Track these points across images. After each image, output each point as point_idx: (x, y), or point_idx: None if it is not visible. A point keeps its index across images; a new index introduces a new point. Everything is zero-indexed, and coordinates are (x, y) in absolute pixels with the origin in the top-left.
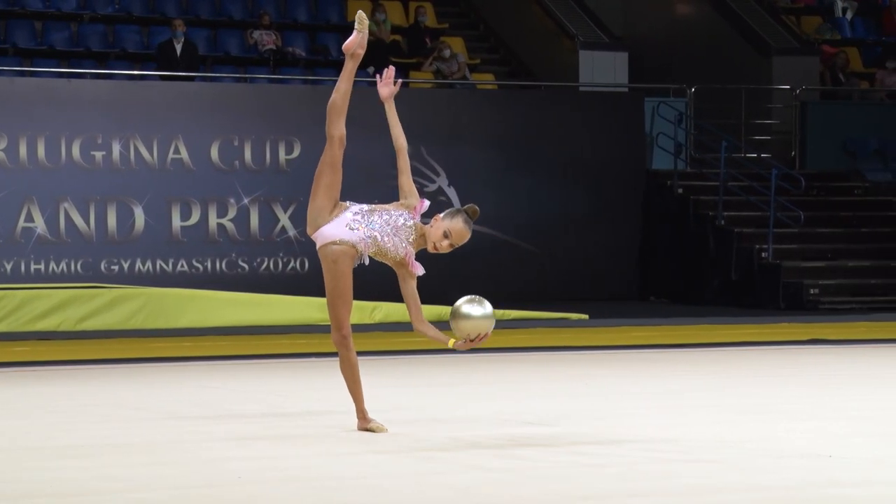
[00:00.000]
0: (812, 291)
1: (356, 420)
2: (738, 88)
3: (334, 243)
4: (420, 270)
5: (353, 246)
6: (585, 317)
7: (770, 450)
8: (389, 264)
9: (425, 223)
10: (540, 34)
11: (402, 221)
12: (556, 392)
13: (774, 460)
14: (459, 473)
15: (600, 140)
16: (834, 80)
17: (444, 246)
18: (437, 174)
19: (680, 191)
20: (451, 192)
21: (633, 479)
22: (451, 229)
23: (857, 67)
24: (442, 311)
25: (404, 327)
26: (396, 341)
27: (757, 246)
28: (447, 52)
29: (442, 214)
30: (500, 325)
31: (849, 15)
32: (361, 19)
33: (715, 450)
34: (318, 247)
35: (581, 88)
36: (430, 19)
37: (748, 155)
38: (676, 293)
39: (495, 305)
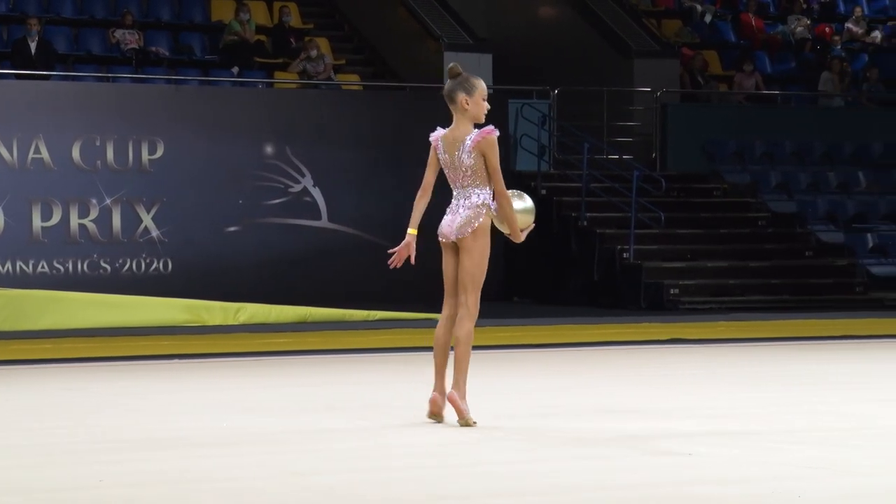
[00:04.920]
0: (672, 291)
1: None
2: (600, 90)
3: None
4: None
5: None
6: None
7: (631, 448)
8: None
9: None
10: (405, 35)
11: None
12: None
13: (635, 459)
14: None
15: None
16: (693, 83)
17: (485, 107)
18: (303, 174)
19: (543, 192)
20: (317, 193)
21: (484, 479)
22: (480, 89)
23: (715, 70)
24: (305, 312)
25: (269, 329)
26: (259, 343)
27: (618, 247)
28: (314, 52)
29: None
30: (364, 326)
31: (708, 18)
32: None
33: (575, 448)
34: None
35: None
36: (294, 19)
37: (610, 156)
38: (539, 294)
39: (359, 306)
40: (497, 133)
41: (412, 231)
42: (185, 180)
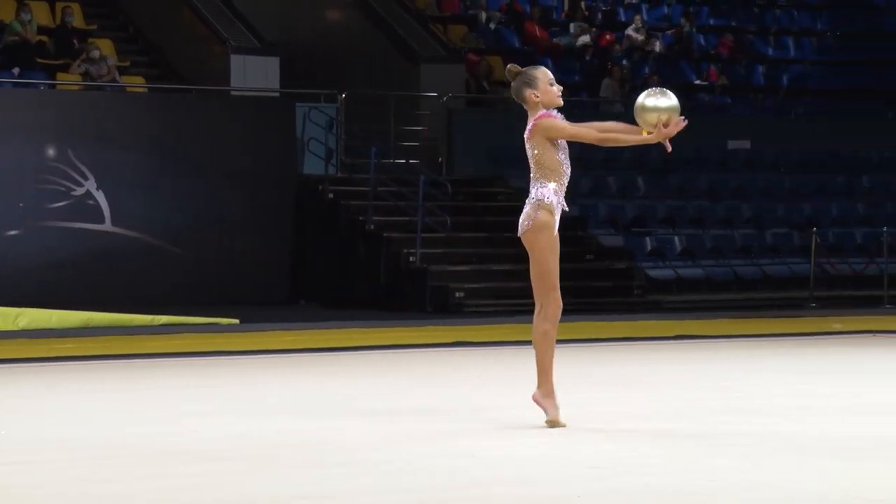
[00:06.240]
0: (458, 295)
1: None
2: (387, 95)
3: None
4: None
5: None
6: (236, 321)
7: (413, 452)
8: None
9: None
10: (191, 38)
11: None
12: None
13: (417, 461)
14: None
15: (252, 144)
16: (479, 88)
17: (557, 91)
18: (86, 178)
19: (331, 196)
20: (100, 196)
21: (278, 481)
22: (542, 78)
23: (500, 76)
24: (87, 317)
25: (49, 334)
26: (41, 348)
27: (405, 250)
28: (96, 54)
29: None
30: (148, 331)
31: (493, 24)
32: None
33: (356, 453)
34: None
35: (232, 93)
36: (77, 20)
37: (397, 161)
38: (327, 297)
39: (145, 311)
40: (554, 114)
41: (645, 133)
42: None
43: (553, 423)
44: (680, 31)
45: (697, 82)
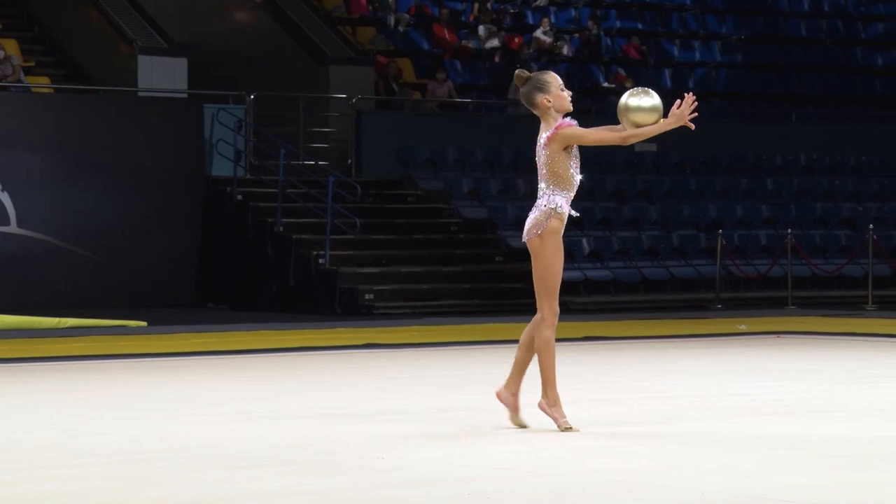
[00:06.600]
0: (367, 297)
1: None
2: (296, 96)
3: None
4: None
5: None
6: (144, 324)
7: (324, 454)
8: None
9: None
10: (97, 38)
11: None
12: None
13: (328, 464)
14: None
15: (159, 146)
16: (388, 90)
17: (567, 96)
18: None
19: (239, 197)
20: (6, 198)
21: (189, 486)
22: (553, 83)
23: (409, 78)
24: (9, 320)
25: None
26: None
27: (314, 252)
28: (1, 54)
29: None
30: (57, 334)
31: (401, 27)
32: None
33: (266, 455)
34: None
35: (140, 94)
36: None
37: (306, 162)
38: (235, 300)
39: (52, 313)
40: (573, 122)
41: (662, 120)
42: None
43: (566, 429)
44: (588, 35)
45: (606, 85)
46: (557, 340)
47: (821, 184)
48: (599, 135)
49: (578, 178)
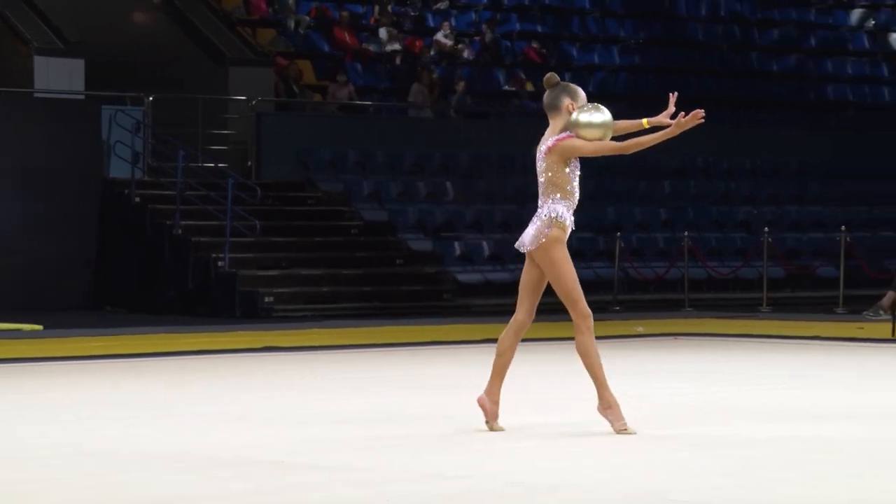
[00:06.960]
0: (267, 300)
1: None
2: (195, 98)
3: None
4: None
5: None
6: (39, 327)
7: (223, 458)
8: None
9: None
10: None
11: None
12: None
13: (228, 468)
14: None
15: (56, 147)
16: (288, 92)
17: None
18: None
19: (137, 199)
20: None
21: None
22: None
23: (309, 80)
24: None
25: None
26: None
27: (213, 255)
28: None
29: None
30: None
31: (302, 29)
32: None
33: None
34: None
35: (36, 95)
36: None
37: (205, 164)
38: (133, 302)
39: None
40: (572, 135)
41: (644, 122)
42: None
43: (623, 432)
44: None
45: (506, 88)
46: (459, 343)
47: (717, 187)
48: (597, 145)
49: (578, 188)
